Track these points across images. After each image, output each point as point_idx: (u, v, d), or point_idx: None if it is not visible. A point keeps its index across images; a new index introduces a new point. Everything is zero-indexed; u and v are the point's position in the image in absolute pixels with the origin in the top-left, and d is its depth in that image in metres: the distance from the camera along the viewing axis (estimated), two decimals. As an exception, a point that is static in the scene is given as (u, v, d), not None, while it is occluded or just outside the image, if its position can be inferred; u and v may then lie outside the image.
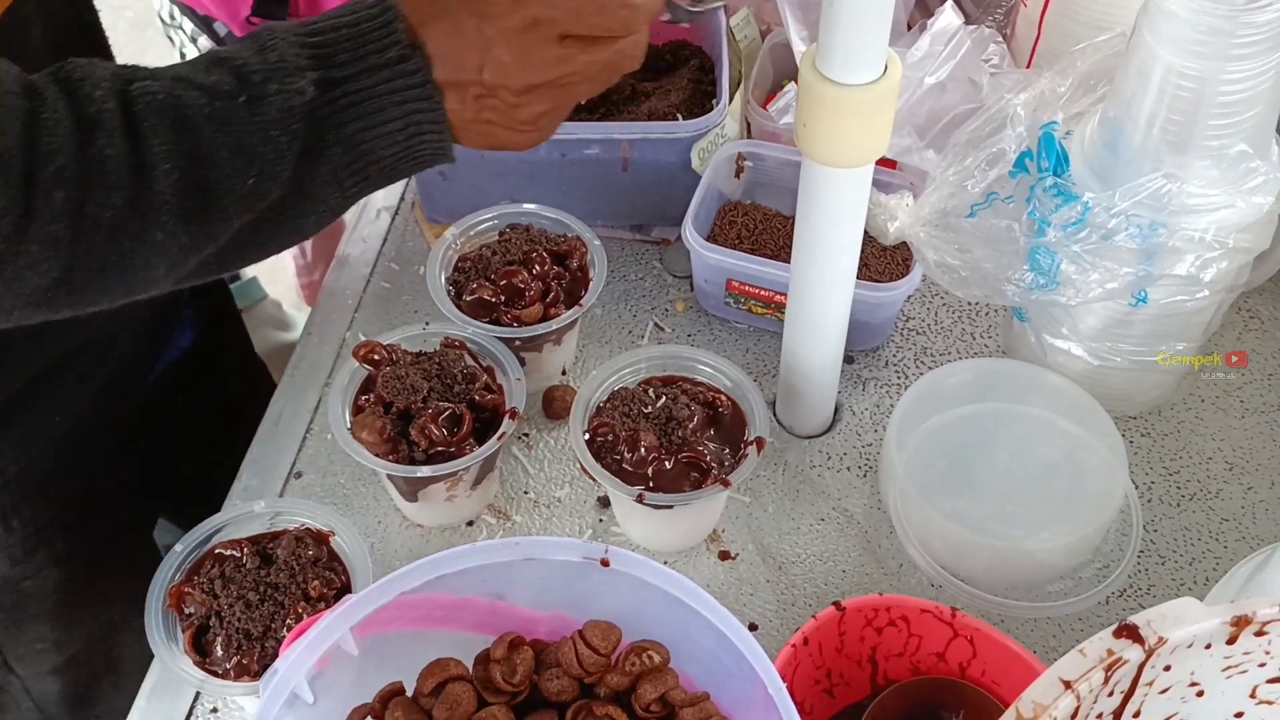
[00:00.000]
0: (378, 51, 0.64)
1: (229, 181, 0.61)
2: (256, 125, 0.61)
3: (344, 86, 0.63)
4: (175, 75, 0.61)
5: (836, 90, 0.71)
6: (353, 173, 0.66)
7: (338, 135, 0.64)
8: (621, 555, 0.67)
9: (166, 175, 0.59)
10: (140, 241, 0.60)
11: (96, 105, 0.58)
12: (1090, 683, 0.46)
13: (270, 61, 0.63)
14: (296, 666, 0.62)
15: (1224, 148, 0.77)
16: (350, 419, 0.85)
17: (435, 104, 0.66)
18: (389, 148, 0.66)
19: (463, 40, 0.65)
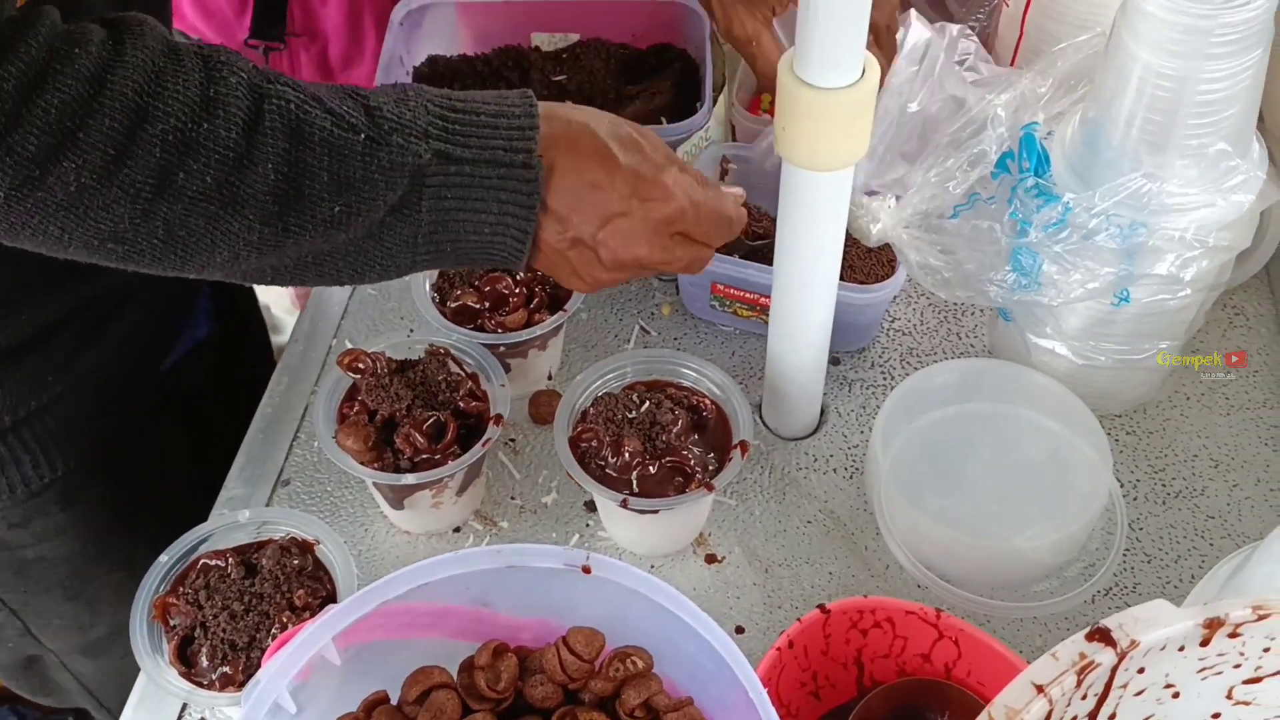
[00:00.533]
0: (505, 149, 0.68)
1: (319, 201, 0.64)
2: (365, 164, 0.64)
3: (460, 166, 0.67)
4: (312, 92, 0.65)
5: (814, 94, 0.71)
6: (430, 242, 0.69)
7: (434, 205, 0.67)
8: (603, 562, 0.67)
9: (265, 175, 0.62)
10: (213, 224, 0.62)
11: (229, 88, 0.61)
12: (1063, 686, 0.46)
13: (403, 114, 0.66)
14: (278, 677, 0.62)
15: (1203, 147, 0.77)
16: (335, 427, 0.85)
17: (531, 219, 0.70)
18: (471, 235, 0.69)
19: (596, 193, 0.71)
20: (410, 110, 0.66)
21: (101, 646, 1.06)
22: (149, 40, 0.60)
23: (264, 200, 0.62)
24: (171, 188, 0.60)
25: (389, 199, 0.66)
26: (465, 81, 1.11)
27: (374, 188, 0.65)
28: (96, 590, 1.01)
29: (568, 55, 1.13)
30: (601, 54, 1.12)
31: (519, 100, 0.70)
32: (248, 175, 0.61)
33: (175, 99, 0.59)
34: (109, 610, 1.02)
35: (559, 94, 1.10)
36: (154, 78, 0.59)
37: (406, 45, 1.10)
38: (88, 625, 1.03)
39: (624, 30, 1.13)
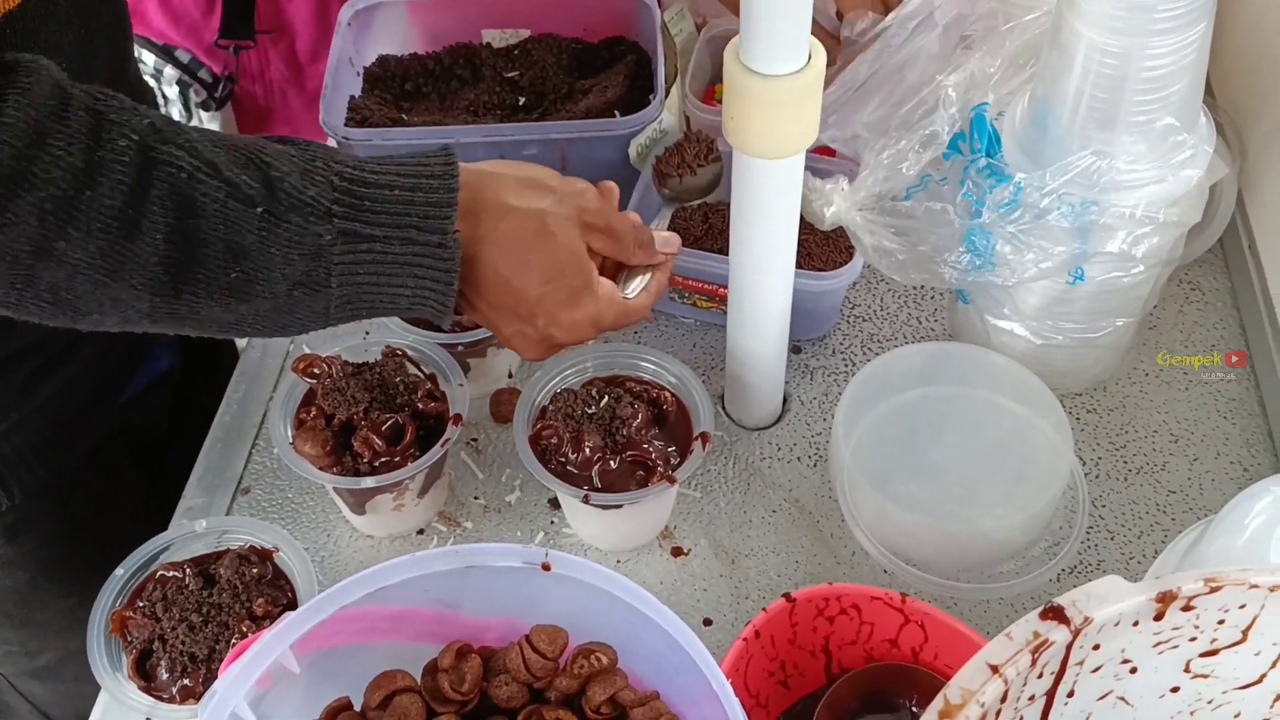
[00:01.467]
0: (419, 227, 0.65)
1: (213, 270, 0.62)
2: (261, 239, 0.62)
3: (370, 245, 0.65)
4: (209, 157, 0.61)
5: (761, 82, 0.70)
6: (345, 311, 0.67)
7: (344, 280, 0.65)
8: (562, 559, 0.67)
9: (152, 245, 0.59)
10: (100, 290, 0.60)
11: (116, 152, 0.58)
12: (1018, 666, 0.46)
13: (305, 191, 0.63)
14: (235, 687, 0.61)
15: (1150, 123, 0.77)
16: (293, 433, 0.84)
17: (450, 294, 0.68)
18: (388, 305, 0.68)
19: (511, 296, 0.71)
20: (315, 185, 0.63)
21: (52, 671, 1.04)
22: (35, 95, 0.57)
23: (153, 269, 0.60)
24: (52, 255, 0.57)
25: (290, 274, 0.63)
26: (417, 80, 1.10)
27: (271, 260, 0.62)
28: (46, 618, 0.99)
29: (519, 51, 1.12)
30: (553, 49, 1.11)
31: (440, 168, 0.67)
32: (135, 244, 0.59)
33: (56, 166, 0.56)
34: (58, 637, 1.00)
35: (511, 90, 1.10)
36: (35, 141, 0.56)
37: (356, 46, 1.08)
38: (36, 651, 1.02)
39: (575, 25, 1.13)
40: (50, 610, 0.99)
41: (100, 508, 0.99)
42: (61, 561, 0.97)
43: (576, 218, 0.73)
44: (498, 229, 0.70)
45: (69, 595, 0.97)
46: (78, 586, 0.96)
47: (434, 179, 0.67)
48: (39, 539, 0.95)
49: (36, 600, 0.98)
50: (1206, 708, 0.54)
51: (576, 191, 0.74)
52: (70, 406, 0.92)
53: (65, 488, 0.95)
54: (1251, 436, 0.92)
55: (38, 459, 0.91)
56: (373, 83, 1.10)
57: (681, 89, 1.07)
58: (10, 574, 0.95)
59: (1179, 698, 0.54)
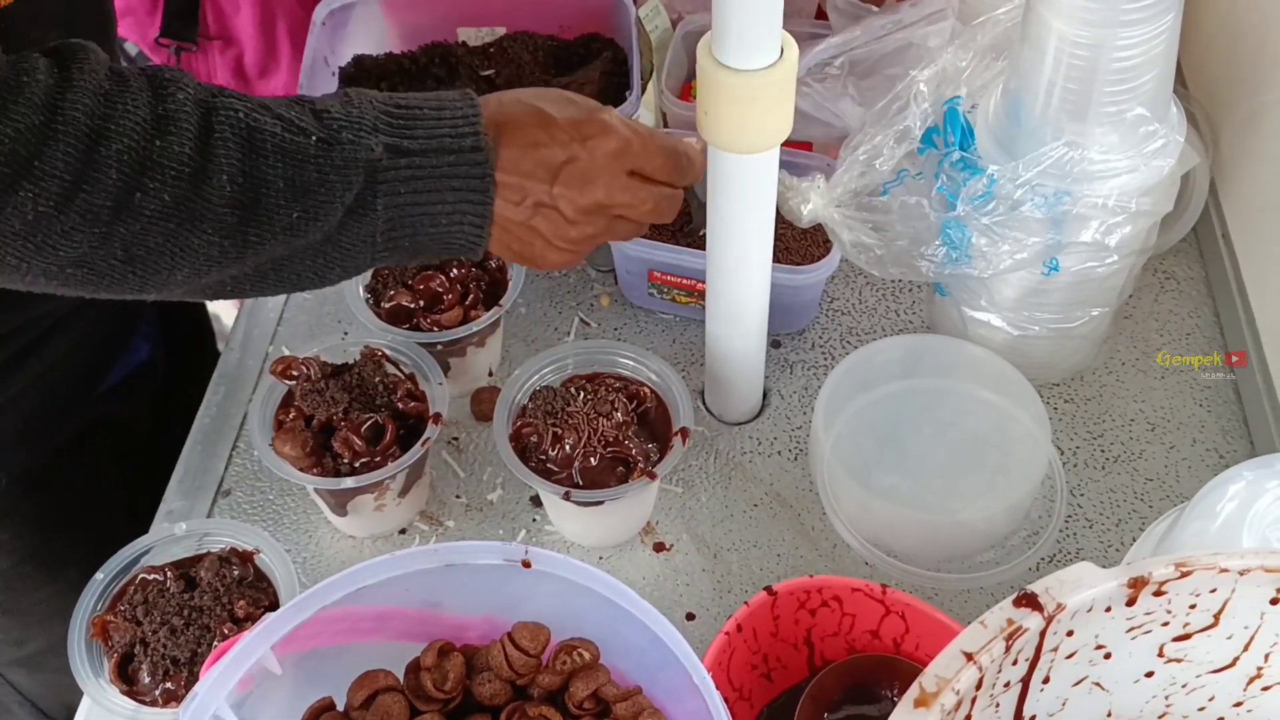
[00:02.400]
0: (453, 136, 0.69)
1: (277, 210, 0.64)
2: (319, 166, 0.65)
3: (411, 158, 0.68)
4: (259, 101, 0.65)
5: (734, 76, 0.71)
6: (388, 239, 0.69)
7: (389, 200, 0.67)
8: (543, 556, 0.67)
9: (221, 187, 0.62)
10: (173, 241, 0.62)
11: (177, 104, 0.61)
12: (992, 653, 0.46)
13: (351, 114, 0.67)
14: (216, 689, 0.61)
15: (1121, 113, 0.78)
16: (272, 435, 0.84)
17: (488, 199, 0.70)
18: (429, 227, 0.69)
19: (541, 150, 0.72)
20: (356, 109, 0.67)
21: (38, 661, 1.04)
22: (94, 65, 0.60)
23: (222, 213, 0.62)
24: (129, 208, 0.59)
25: (345, 199, 0.66)
26: (392, 80, 1.10)
27: (330, 189, 0.65)
28: (29, 606, 1.00)
29: (495, 49, 1.12)
30: (529, 46, 1.11)
31: (458, 95, 0.71)
32: (204, 189, 0.61)
33: (127, 119, 0.59)
34: (43, 625, 1.01)
35: (488, 88, 1.10)
36: (104, 100, 0.59)
37: (331, 45, 1.08)
38: (22, 640, 1.02)
39: (550, 22, 1.13)
40: (34, 597, 0.99)
41: (83, 498, 0.99)
42: (44, 549, 0.97)
43: None
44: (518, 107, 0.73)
45: (52, 582, 0.97)
46: (61, 574, 0.96)
47: (456, 101, 0.70)
48: (22, 526, 0.95)
49: (20, 587, 0.98)
50: (1180, 691, 0.55)
51: None
52: (49, 395, 0.93)
53: (47, 476, 0.95)
54: (1227, 424, 0.93)
55: (19, 446, 0.92)
56: (348, 82, 1.09)
57: (658, 85, 1.07)
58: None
59: (1153, 682, 0.54)
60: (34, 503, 0.95)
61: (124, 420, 1.02)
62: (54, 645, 0.98)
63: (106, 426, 1.00)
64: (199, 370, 1.04)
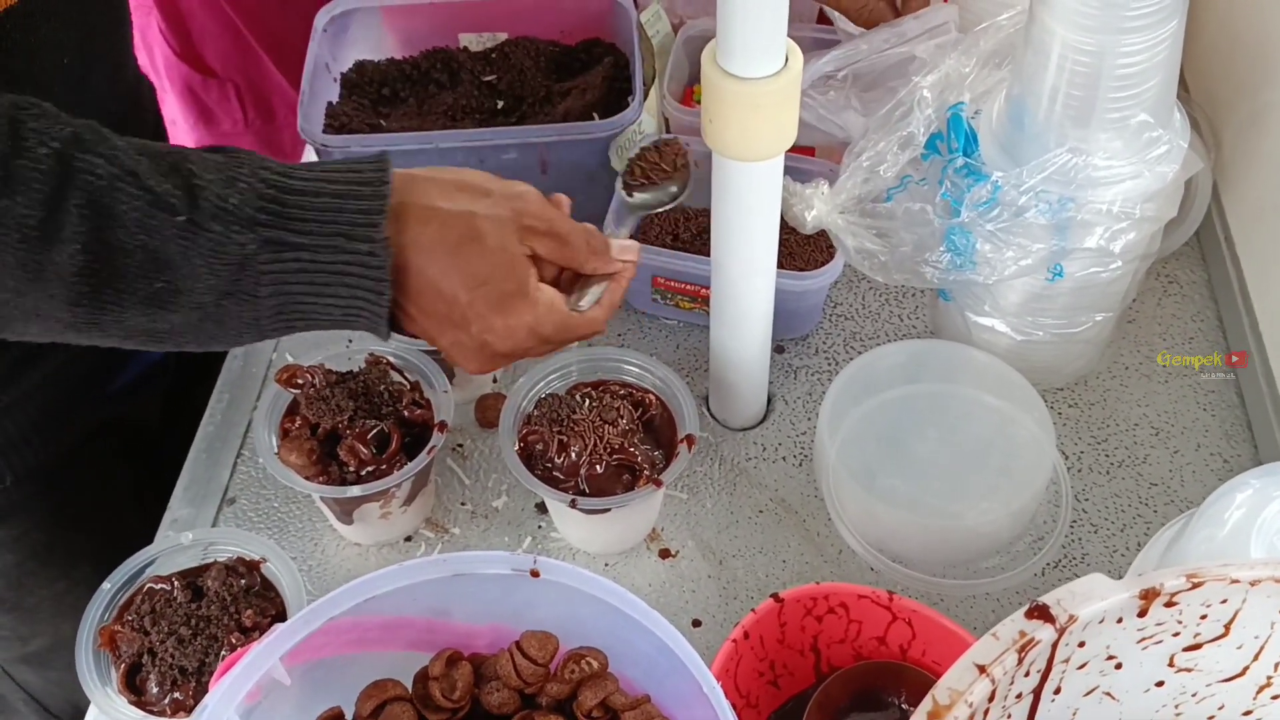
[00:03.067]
0: (347, 236, 0.64)
1: (135, 280, 0.61)
2: (182, 248, 0.61)
3: (298, 253, 0.63)
4: (130, 165, 0.60)
5: (738, 84, 0.71)
6: (278, 321, 0.66)
7: (275, 289, 0.64)
8: (551, 565, 0.67)
9: (71, 256, 0.58)
10: (20, 299, 0.59)
11: (34, 160, 0.57)
12: (1004, 665, 0.46)
13: (228, 199, 0.62)
14: (225, 700, 0.61)
15: (1125, 119, 0.78)
16: (278, 443, 0.84)
17: (382, 304, 0.66)
18: (322, 316, 0.66)
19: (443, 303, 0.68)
20: (238, 194, 0.62)
21: (43, 658, 1.04)
22: None
23: (71, 280, 0.59)
24: None
25: (216, 284, 0.62)
26: (394, 86, 1.10)
27: (194, 270, 0.61)
28: (36, 603, 1.00)
29: (496, 55, 1.12)
30: (530, 52, 1.11)
31: (372, 174, 0.66)
32: (52, 254, 0.58)
33: None
34: (49, 622, 1.01)
35: (490, 94, 1.10)
36: None
37: (332, 52, 1.08)
38: (28, 637, 1.02)
39: (552, 27, 1.13)
40: (40, 595, 0.99)
41: (92, 497, 0.99)
42: (52, 547, 0.97)
43: (513, 220, 0.70)
44: (424, 233, 0.67)
45: (59, 580, 0.97)
46: (68, 572, 0.96)
47: (365, 185, 0.65)
48: (29, 523, 0.95)
49: (27, 584, 0.98)
50: (1190, 701, 0.55)
51: (515, 194, 0.71)
52: (59, 393, 0.92)
53: (56, 474, 0.95)
54: (1231, 428, 0.93)
55: (28, 444, 0.91)
56: (350, 89, 1.09)
57: (659, 90, 1.07)
58: (1, 556, 0.95)
59: (1163, 692, 0.54)
60: (42, 501, 0.95)
61: (134, 420, 1.02)
62: (60, 643, 0.98)
63: (116, 426, 1.00)
64: (209, 371, 1.04)
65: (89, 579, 0.78)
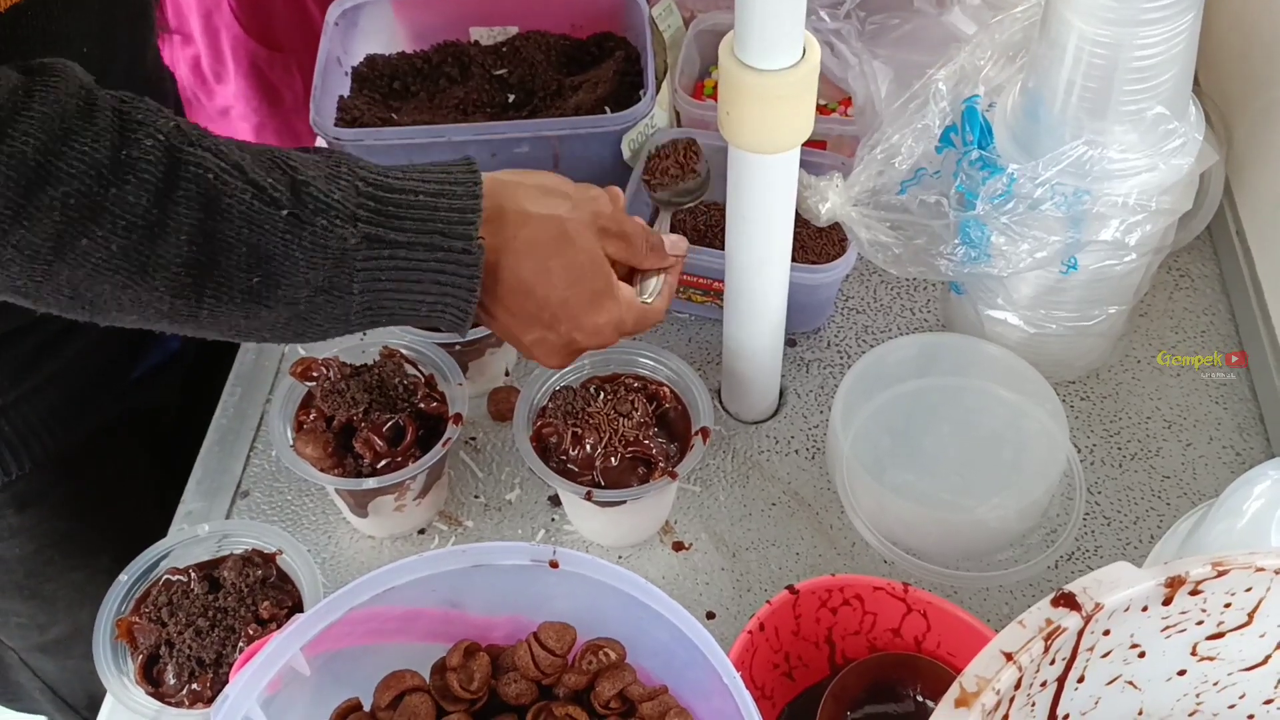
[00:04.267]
0: (444, 234, 0.66)
1: (234, 274, 0.61)
2: (285, 242, 0.62)
3: (394, 250, 0.65)
4: (235, 159, 0.61)
5: (756, 76, 0.71)
6: (365, 318, 0.67)
7: (367, 285, 0.65)
8: (570, 556, 0.67)
9: (177, 246, 0.59)
10: (122, 290, 0.60)
11: (143, 151, 0.58)
12: (1031, 653, 0.46)
13: (331, 194, 0.63)
14: (247, 691, 0.61)
15: (1141, 112, 0.78)
16: (293, 436, 0.84)
17: (471, 299, 0.68)
18: (409, 312, 0.68)
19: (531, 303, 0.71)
20: (340, 190, 0.63)
21: (62, 646, 1.04)
22: (62, 93, 0.57)
23: (175, 271, 0.60)
24: (73, 252, 0.57)
25: (312, 279, 0.63)
26: (405, 79, 1.10)
27: (294, 265, 0.62)
28: (54, 591, 1.00)
29: (507, 49, 1.12)
30: (542, 46, 1.11)
31: (463, 176, 0.68)
32: (159, 245, 0.58)
33: (81, 161, 0.56)
34: (67, 611, 1.01)
35: (501, 88, 1.10)
36: (60, 136, 0.56)
37: (344, 45, 1.08)
38: (46, 625, 1.02)
39: (563, 21, 1.13)
40: (59, 582, 0.99)
41: (110, 485, 0.99)
42: (70, 534, 0.97)
43: (593, 223, 0.73)
44: (518, 236, 0.70)
45: (77, 569, 0.97)
46: (86, 560, 0.96)
47: (458, 185, 0.67)
48: (48, 510, 0.95)
49: (45, 572, 0.98)
50: (1212, 689, 0.55)
51: (591, 197, 0.74)
52: (79, 381, 0.92)
53: (75, 461, 0.95)
54: (1243, 421, 0.93)
55: (47, 431, 0.91)
56: (361, 82, 1.09)
57: (671, 84, 1.07)
58: (19, 544, 0.95)
59: (1185, 680, 0.55)
60: (61, 489, 0.95)
61: (153, 409, 1.02)
62: (78, 632, 0.98)
63: (136, 415, 1.00)
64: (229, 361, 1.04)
65: (108, 568, 0.78)
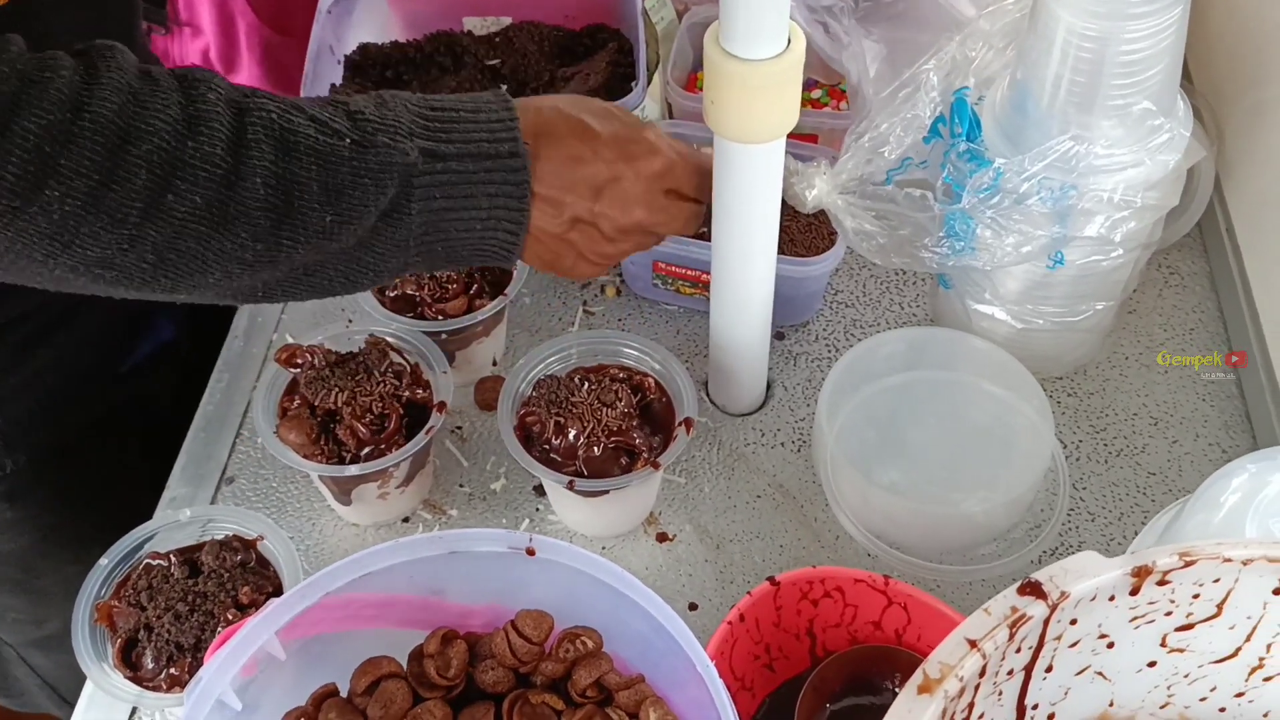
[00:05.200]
0: (489, 141, 0.68)
1: (310, 212, 0.63)
2: (354, 169, 0.64)
3: (447, 162, 0.67)
4: (292, 102, 0.64)
5: (740, 66, 0.71)
6: (422, 244, 0.68)
7: (424, 205, 0.67)
8: (547, 544, 0.67)
9: (254, 189, 0.61)
10: (204, 244, 0.61)
11: (209, 104, 0.60)
12: (995, 641, 0.46)
13: (386, 116, 0.66)
14: (220, 674, 0.61)
15: (1128, 106, 0.77)
16: (277, 422, 0.84)
17: (523, 207, 0.70)
18: (464, 233, 0.69)
19: (583, 166, 0.71)
20: (391, 111, 0.66)
21: (57, 641, 1.04)
22: (122, 64, 0.59)
23: (255, 215, 0.61)
24: (160, 210, 0.59)
25: (379, 203, 0.65)
26: (398, 69, 1.10)
27: (364, 192, 0.64)
28: (48, 585, 1.00)
29: (500, 39, 1.12)
30: (534, 36, 1.11)
31: (493, 97, 0.70)
32: (237, 191, 0.60)
33: (157, 119, 0.58)
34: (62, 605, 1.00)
35: (492, 78, 1.10)
36: (133, 99, 0.58)
37: (336, 33, 1.08)
38: (41, 619, 1.02)
39: (556, 12, 1.13)
40: (53, 577, 0.99)
41: (105, 477, 0.99)
42: (64, 528, 0.97)
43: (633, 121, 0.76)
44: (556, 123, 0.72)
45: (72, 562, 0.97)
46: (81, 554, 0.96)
47: (492, 104, 0.69)
48: (41, 503, 0.95)
49: (39, 566, 0.98)
50: (1183, 682, 0.55)
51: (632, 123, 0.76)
52: (71, 372, 0.92)
53: (68, 454, 0.95)
54: (1230, 419, 0.93)
55: (40, 423, 0.91)
56: (354, 71, 1.09)
57: (663, 76, 1.07)
58: (13, 538, 0.95)
59: (1156, 672, 0.54)
60: (56, 481, 0.95)
61: (146, 401, 1.02)
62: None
63: (130, 405, 1.00)
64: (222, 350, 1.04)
65: None
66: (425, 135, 0.66)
